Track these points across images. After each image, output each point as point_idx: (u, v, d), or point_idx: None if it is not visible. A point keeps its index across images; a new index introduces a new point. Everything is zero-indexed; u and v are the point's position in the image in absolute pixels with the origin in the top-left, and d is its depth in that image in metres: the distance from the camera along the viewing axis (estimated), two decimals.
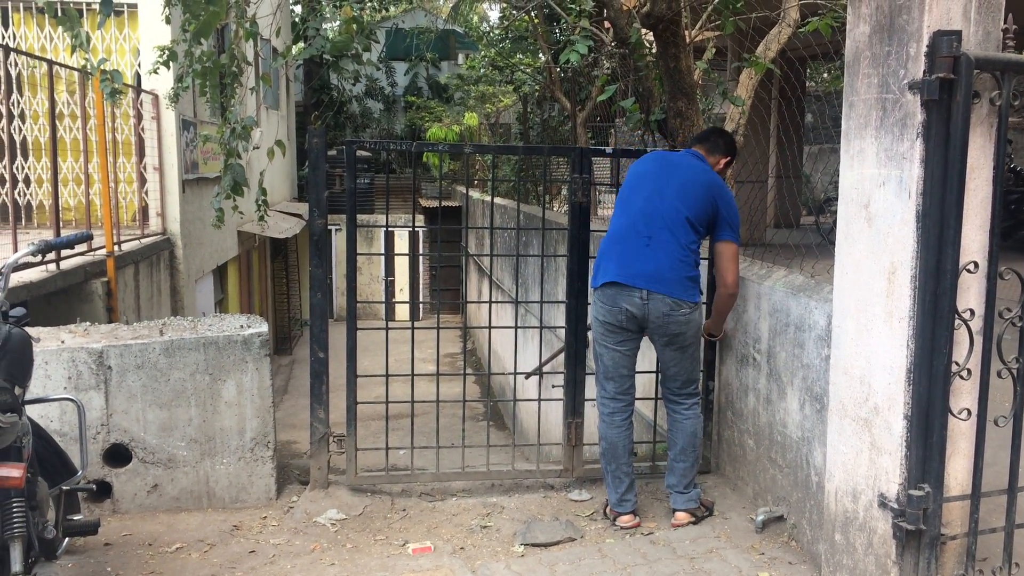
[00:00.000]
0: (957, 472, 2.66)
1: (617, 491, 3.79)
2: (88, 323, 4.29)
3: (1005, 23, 2.54)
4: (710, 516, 3.78)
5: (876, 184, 2.63)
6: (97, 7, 4.57)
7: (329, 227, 4.10)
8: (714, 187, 3.72)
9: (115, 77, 5.28)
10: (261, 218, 6.04)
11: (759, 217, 6.76)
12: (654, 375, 4.22)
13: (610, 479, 3.80)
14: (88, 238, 3.40)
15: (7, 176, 6.22)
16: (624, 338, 3.72)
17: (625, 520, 3.76)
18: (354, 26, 5.67)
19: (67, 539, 3.16)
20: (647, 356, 4.10)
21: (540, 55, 12.68)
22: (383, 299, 18.47)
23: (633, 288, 3.62)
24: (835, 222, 2.88)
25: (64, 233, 5.74)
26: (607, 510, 3.87)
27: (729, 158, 3.94)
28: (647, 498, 4.03)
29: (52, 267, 5.94)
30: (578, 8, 7.82)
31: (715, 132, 4.05)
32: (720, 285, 3.76)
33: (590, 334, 5.09)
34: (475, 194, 14.58)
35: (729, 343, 4.04)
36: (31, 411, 3.02)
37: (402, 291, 19.51)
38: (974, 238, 2.55)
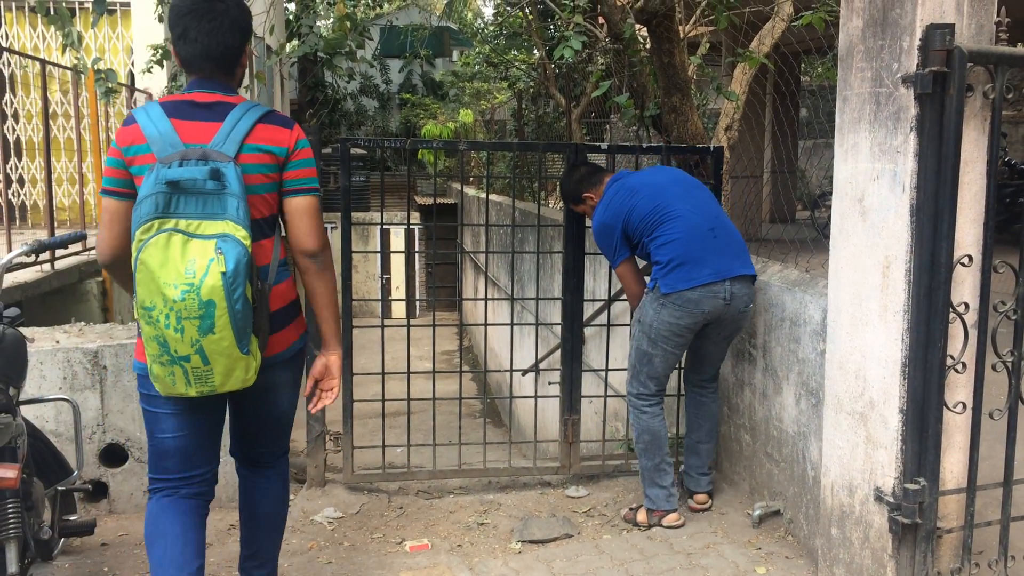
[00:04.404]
0: (953, 466, 2.66)
1: (663, 485, 3.66)
2: (83, 323, 4.28)
3: (998, 16, 2.54)
4: (707, 511, 3.79)
5: (870, 178, 2.63)
6: (89, 6, 4.55)
7: (324, 225, 4.08)
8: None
9: (109, 76, 5.28)
10: None
11: (754, 212, 6.76)
12: None
13: (654, 475, 3.67)
14: (82, 238, 3.40)
15: (1, 176, 6.21)
16: (685, 341, 3.64)
17: (673, 519, 3.65)
18: (348, 23, 5.67)
19: (63, 539, 3.16)
20: None
21: (534, 51, 12.68)
22: (379, 297, 18.45)
23: (720, 285, 3.51)
24: (830, 217, 2.88)
25: (58, 233, 5.73)
26: (639, 515, 3.74)
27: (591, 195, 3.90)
28: (642, 494, 4.03)
29: (47, 267, 5.92)
30: (572, 4, 7.81)
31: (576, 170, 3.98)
32: None
33: (586, 331, 5.08)
34: (470, 191, 14.56)
35: None
36: (26, 412, 3.01)
37: (398, 289, 19.49)
38: (968, 232, 2.55)
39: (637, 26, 5.20)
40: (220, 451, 2.69)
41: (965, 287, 2.57)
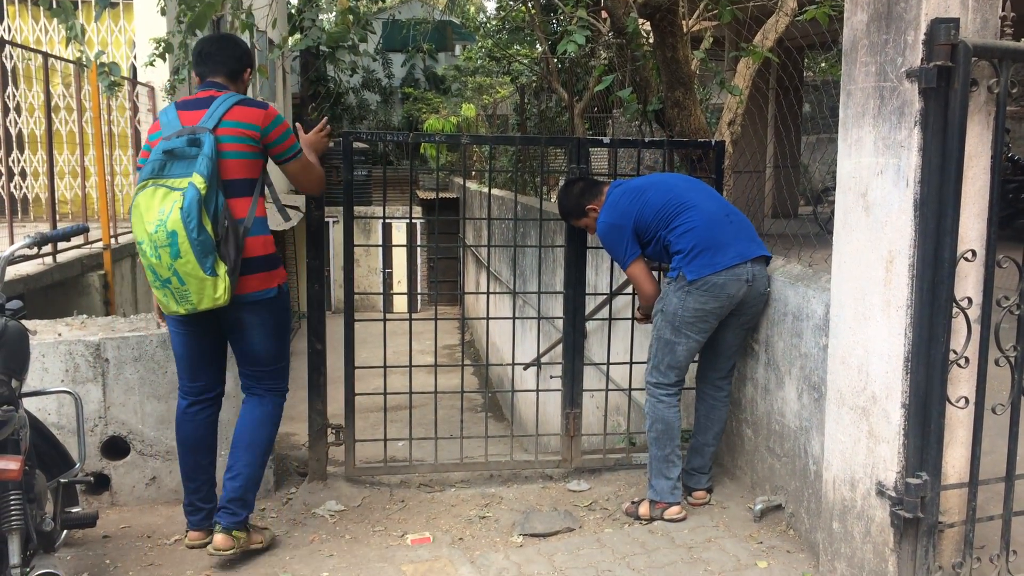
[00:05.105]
0: (955, 460, 2.66)
1: (670, 478, 3.67)
2: (85, 316, 4.28)
3: (1003, 10, 2.54)
4: (707, 504, 3.79)
5: (874, 173, 2.62)
6: None
7: (326, 219, 4.10)
8: None
9: (113, 70, 5.27)
10: None
11: (757, 207, 6.75)
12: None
13: (662, 466, 3.68)
14: (84, 231, 3.40)
15: (3, 169, 6.20)
16: (709, 328, 3.65)
17: (675, 512, 3.66)
18: (350, 17, 5.66)
19: (65, 531, 3.17)
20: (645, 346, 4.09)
21: (537, 46, 12.65)
22: (381, 291, 18.46)
23: (743, 267, 3.55)
24: (833, 212, 2.88)
25: (60, 226, 5.73)
26: (641, 508, 3.74)
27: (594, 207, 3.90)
28: (643, 488, 4.03)
29: (49, 260, 5.92)
30: None
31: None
32: None
33: (588, 325, 5.08)
34: (473, 185, 14.56)
35: None
36: (28, 404, 3.01)
37: (400, 283, 19.50)
38: (972, 226, 2.55)
39: (640, 20, 5.19)
40: (222, 380, 3.51)
41: (968, 282, 2.57)
